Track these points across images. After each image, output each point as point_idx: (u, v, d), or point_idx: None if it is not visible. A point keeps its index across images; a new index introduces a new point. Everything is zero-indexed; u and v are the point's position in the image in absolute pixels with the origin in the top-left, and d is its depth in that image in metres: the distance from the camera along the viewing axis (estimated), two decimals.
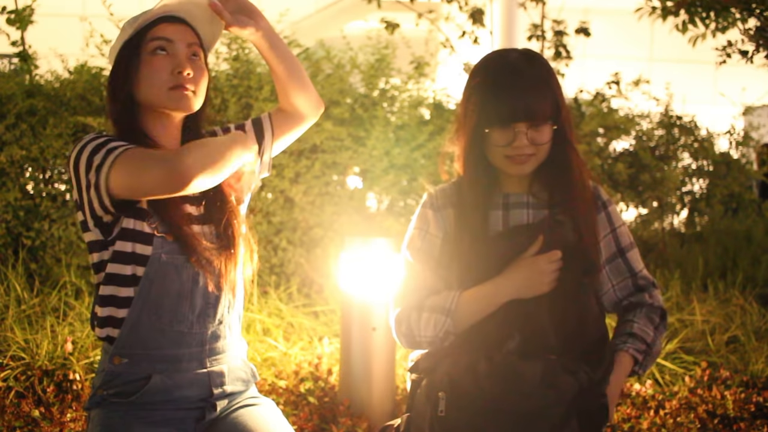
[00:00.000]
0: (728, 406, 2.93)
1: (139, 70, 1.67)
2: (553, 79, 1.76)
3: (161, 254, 1.65)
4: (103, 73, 4.10)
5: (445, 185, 1.87)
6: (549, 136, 1.73)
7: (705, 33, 3.93)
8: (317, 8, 9.43)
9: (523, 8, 5.18)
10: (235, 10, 1.74)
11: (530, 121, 1.71)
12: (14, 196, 3.83)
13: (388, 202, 4.40)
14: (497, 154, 1.76)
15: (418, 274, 1.82)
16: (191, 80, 1.68)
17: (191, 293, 1.68)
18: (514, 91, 1.72)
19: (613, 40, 9.64)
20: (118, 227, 1.64)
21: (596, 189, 1.87)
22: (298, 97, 1.87)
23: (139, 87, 1.68)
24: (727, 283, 4.29)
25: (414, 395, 1.73)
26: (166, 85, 1.66)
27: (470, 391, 1.63)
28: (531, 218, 1.80)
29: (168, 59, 1.67)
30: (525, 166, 1.75)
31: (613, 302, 1.85)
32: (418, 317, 1.75)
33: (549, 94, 1.73)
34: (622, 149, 4.93)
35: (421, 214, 1.86)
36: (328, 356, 3.28)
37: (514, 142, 1.72)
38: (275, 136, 1.89)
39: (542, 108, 1.71)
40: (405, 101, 4.40)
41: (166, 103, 1.68)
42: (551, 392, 1.63)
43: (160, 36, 1.67)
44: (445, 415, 1.63)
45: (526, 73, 1.73)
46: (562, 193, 1.78)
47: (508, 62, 1.75)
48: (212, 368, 1.74)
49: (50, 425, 2.58)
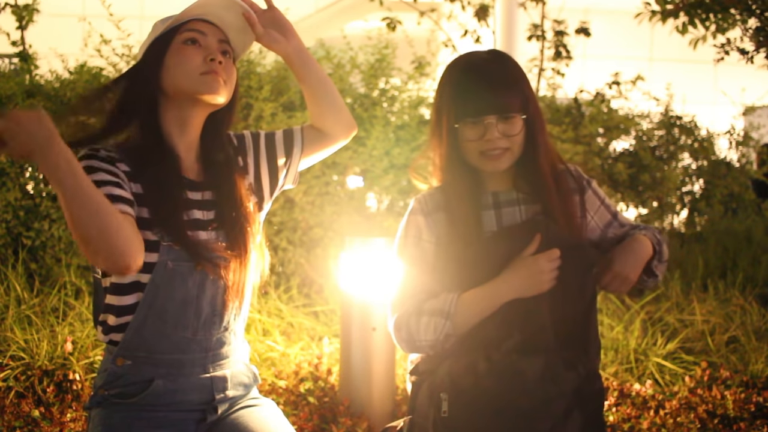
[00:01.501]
0: (728, 406, 2.93)
1: (170, 59, 1.65)
2: (521, 75, 1.79)
3: (167, 261, 1.63)
4: (103, 73, 4.10)
5: (432, 190, 1.87)
6: (520, 128, 1.75)
7: (705, 35, 3.93)
8: (317, 8, 9.43)
9: (523, 8, 5.18)
10: (268, 23, 1.74)
11: (499, 114, 1.73)
12: (14, 196, 3.83)
13: (388, 202, 4.40)
14: (472, 151, 1.77)
15: (414, 278, 1.81)
16: (223, 69, 1.67)
17: (197, 300, 1.67)
18: (482, 85, 1.75)
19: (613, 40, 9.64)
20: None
21: (576, 171, 1.90)
22: (328, 117, 1.85)
23: (170, 74, 1.65)
24: (727, 283, 4.29)
25: (416, 397, 1.73)
26: (199, 70, 1.64)
27: (472, 390, 1.64)
28: (523, 214, 1.81)
29: (200, 50, 1.66)
30: (500, 161, 1.76)
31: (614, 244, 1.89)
32: (417, 321, 1.75)
33: (517, 89, 1.75)
34: (622, 149, 4.93)
35: (410, 221, 1.84)
36: (328, 356, 3.28)
37: (486, 135, 1.73)
38: (304, 152, 1.86)
39: (511, 101, 1.74)
40: (405, 101, 4.40)
41: (198, 87, 1.65)
42: (552, 387, 1.64)
43: (193, 28, 1.66)
44: (448, 416, 1.63)
45: (493, 69, 1.76)
46: (537, 185, 1.81)
47: (474, 60, 1.80)
48: (215, 373, 1.73)
49: (50, 425, 2.57)
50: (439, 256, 1.81)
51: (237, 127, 4.41)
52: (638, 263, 1.78)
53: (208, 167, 1.74)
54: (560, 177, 1.85)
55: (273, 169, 1.84)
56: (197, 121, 1.72)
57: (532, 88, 1.84)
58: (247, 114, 4.11)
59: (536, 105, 1.80)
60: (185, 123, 1.71)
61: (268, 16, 1.75)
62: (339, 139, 1.89)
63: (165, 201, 1.64)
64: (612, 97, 4.97)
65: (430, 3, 5.59)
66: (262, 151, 1.84)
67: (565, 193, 1.84)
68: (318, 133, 1.87)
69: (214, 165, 1.74)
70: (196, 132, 1.74)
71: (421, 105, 4.44)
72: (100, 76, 4.08)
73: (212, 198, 1.72)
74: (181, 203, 1.67)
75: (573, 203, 1.85)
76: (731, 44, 3.76)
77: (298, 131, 1.87)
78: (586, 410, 1.66)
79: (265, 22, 1.74)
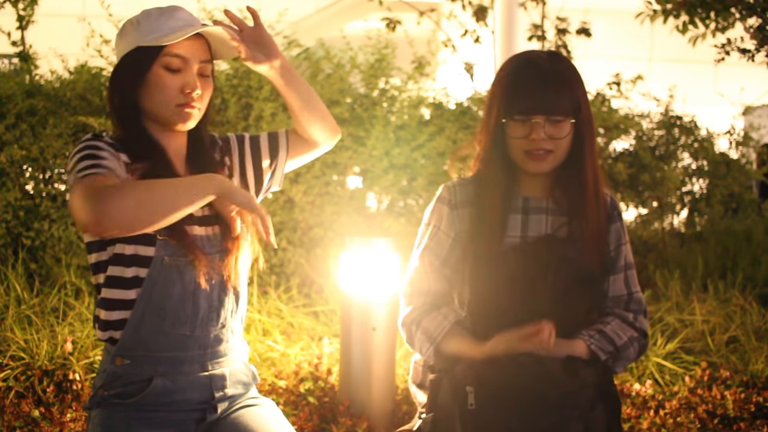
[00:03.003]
0: (728, 406, 2.93)
1: (149, 82, 1.66)
2: (576, 78, 1.77)
3: (164, 256, 1.64)
4: (103, 73, 4.10)
5: (465, 180, 1.86)
6: (567, 132, 1.73)
7: (705, 33, 3.93)
8: (317, 8, 9.42)
9: (524, 8, 5.18)
10: (252, 42, 1.74)
11: (547, 115, 1.72)
12: (14, 196, 3.83)
13: (388, 202, 4.40)
14: (516, 149, 1.76)
15: (422, 278, 1.84)
16: (198, 98, 1.69)
17: (194, 296, 1.68)
18: (534, 84, 1.74)
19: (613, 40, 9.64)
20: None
21: (612, 199, 1.87)
22: (312, 127, 1.87)
23: (146, 97, 1.67)
24: (727, 283, 4.29)
25: (436, 394, 1.73)
26: (175, 102, 1.67)
27: (497, 382, 1.64)
28: (549, 224, 1.80)
29: (179, 78, 1.67)
30: (543, 163, 1.75)
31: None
32: (414, 333, 1.81)
33: (569, 92, 1.74)
34: (622, 149, 4.92)
35: (435, 209, 1.86)
36: (328, 356, 3.27)
37: (532, 135, 1.73)
38: (290, 155, 1.89)
39: (560, 103, 1.72)
40: (405, 101, 4.40)
41: (172, 117, 1.68)
42: (574, 380, 1.64)
43: (176, 53, 1.66)
44: (476, 408, 1.63)
45: (547, 69, 1.75)
46: (576, 199, 1.78)
47: (531, 59, 1.78)
48: (214, 371, 1.73)
49: (50, 425, 2.57)
50: (454, 252, 1.82)
51: (237, 127, 4.42)
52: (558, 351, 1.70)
53: (198, 166, 1.76)
54: (601, 197, 1.82)
55: (258, 171, 1.86)
56: (178, 131, 1.74)
57: (587, 95, 1.81)
58: (247, 114, 4.10)
59: (588, 112, 1.77)
60: (166, 133, 1.73)
61: (254, 35, 1.76)
62: (324, 145, 1.92)
63: None
64: (612, 97, 4.96)
65: (430, 3, 5.59)
66: (247, 153, 1.86)
67: (603, 215, 1.81)
68: (301, 139, 1.90)
69: (203, 164, 1.76)
70: (183, 136, 1.77)
71: (421, 105, 4.44)
72: (100, 76, 4.08)
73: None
74: None
75: (604, 228, 1.82)
76: (731, 44, 3.76)
77: (283, 135, 1.89)
78: (607, 407, 1.65)
79: (249, 40, 1.75)
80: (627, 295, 1.85)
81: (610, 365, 1.77)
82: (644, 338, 1.83)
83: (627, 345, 1.78)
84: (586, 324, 1.78)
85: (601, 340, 1.76)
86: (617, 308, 1.84)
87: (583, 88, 1.78)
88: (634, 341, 1.80)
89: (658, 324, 3.72)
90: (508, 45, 5.70)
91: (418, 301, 1.84)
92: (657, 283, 4.28)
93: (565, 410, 1.60)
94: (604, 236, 1.81)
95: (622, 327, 1.80)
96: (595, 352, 1.74)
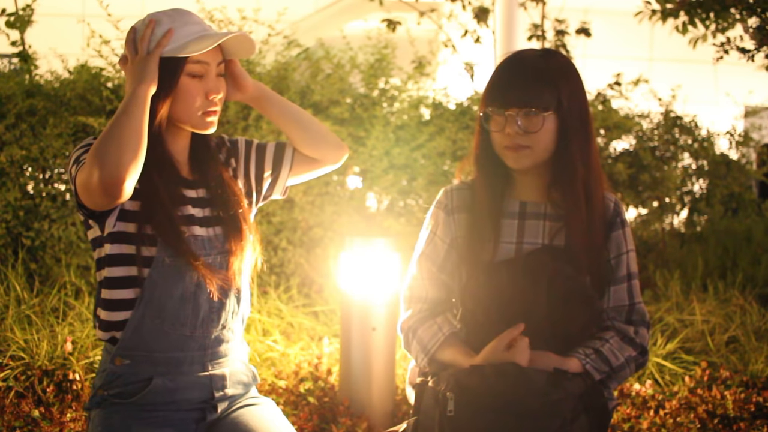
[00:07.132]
0: (728, 406, 2.93)
1: (176, 91, 1.67)
2: (563, 74, 1.72)
3: (165, 257, 1.64)
4: (103, 73, 4.10)
5: (463, 184, 1.85)
6: (541, 126, 1.70)
7: (705, 34, 3.93)
8: (317, 8, 9.42)
9: (524, 8, 5.18)
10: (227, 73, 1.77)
11: (520, 107, 1.69)
12: (14, 196, 3.83)
13: (388, 202, 4.40)
14: (497, 144, 1.75)
15: (420, 284, 1.84)
16: (219, 102, 1.72)
17: (194, 297, 1.68)
18: (511, 78, 1.72)
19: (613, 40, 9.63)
20: (113, 218, 1.63)
21: (617, 204, 1.82)
22: (309, 148, 1.88)
23: (173, 102, 1.68)
24: (727, 283, 4.29)
25: (421, 398, 1.73)
26: (200, 110, 1.69)
27: (477, 389, 1.63)
28: (546, 231, 1.76)
29: (202, 84, 1.69)
30: (521, 158, 1.72)
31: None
32: (410, 341, 1.82)
33: (552, 86, 1.70)
34: (622, 149, 4.92)
35: (433, 213, 1.85)
36: (328, 356, 3.27)
37: (506, 128, 1.71)
38: (293, 170, 1.90)
39: (538, 97, 1.69)
40: (405, 101, 4.40)
41: (196, 124, 1.71)
42: (558, 390, 1.62)
43: (198, 60, 1.68)
44: (455, 415, 1.62)
45: (529, 65, 1.73)
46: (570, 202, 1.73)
47: (521, 54, 1.77)
48: (214, 371, 1.74)
49: (50, 425, 2.57)
50: (449, 258, 1.81)
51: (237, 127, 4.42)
52: (540, 364, 1.68)
53: (201, 166, 1.76)
54: (595, 200, 1.76)
55: (259, 178, 1.87)
56: (188, 132, 1.76)
57: (583, 91, 1.77)
58: (247, 114, 4.10)
59: (578, 109, 1.73)
60: (177, 133, 1.74)
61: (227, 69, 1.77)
62: (329, 163, 1.92)
63: (159, 195, 1.66)
64: (612, 97, 4.96)
65: (430, 3, 5.58)
66: (252, 158, 1.87)
67: (596, 220, 1.76)
68: (305, 157, 1.90)
69: (206, 163, 1.77)
70: (187, 137, 1.78)
71: (421, 105, 4.44)
72: (100, 76, 4.08)
73: (206, 195, 1.73)
74: (177, 199, 1.69)
75: (599, 234, 1.76)
76: (731, 43, 3.76)
77: (290, 148, 1.89)
78: (592, 419, 1.63)
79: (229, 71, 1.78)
80: (629, 305, 1.79)
81: (603, 380, 1.74)
82: (643, 356, 1.77)
83: (624, 366, 1.74)
84: (581, 339, 1.75)
85: (597, 360, 1.71)
86: (618, 319, 1.79)
87: (573, 84, 1.73)
88: (632, 361, 1.75)
89: (658, 324, 3.72)
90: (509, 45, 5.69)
91: (416, 307, 1.83)
92: (657, 283, 4.28)
93: (545, 420, 1.58)
94: (600, 243, 1.76)
95: (621, 346, 1.75)
96: (589, 372, 1.70)
